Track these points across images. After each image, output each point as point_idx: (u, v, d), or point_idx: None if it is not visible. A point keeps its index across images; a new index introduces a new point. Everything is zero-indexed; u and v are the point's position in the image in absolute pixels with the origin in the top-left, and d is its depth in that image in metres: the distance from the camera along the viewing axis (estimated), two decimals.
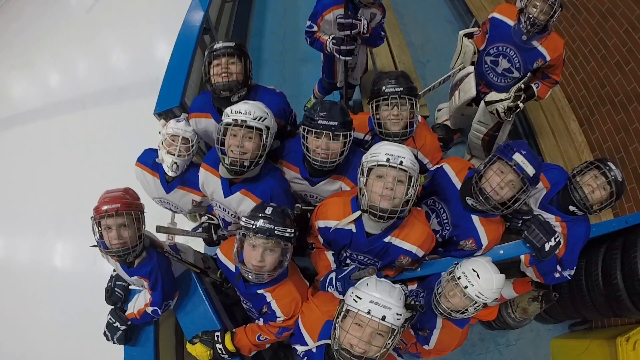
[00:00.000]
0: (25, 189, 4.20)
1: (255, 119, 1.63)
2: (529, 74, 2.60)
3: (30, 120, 4.93)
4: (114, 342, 1.81)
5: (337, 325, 1.28)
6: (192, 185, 2.04)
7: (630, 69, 2.86)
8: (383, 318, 1.19)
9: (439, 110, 3.54)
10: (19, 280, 3.61)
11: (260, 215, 1.47)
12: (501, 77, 2.64)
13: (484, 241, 1.81)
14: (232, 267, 1.71)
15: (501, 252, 1.93)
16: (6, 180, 4.33)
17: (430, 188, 2.02)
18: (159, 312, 1.73)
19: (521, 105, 2.54)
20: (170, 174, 1.96)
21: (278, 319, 1.63)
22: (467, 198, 1.76)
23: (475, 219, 1.81)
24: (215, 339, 1.71)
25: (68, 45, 6.02)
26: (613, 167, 1.74)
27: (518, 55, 2.49)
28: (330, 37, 2.56)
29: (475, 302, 1.60)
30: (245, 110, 1.63)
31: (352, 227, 1.68)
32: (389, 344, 1.22)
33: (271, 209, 1.49)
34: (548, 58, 2.41)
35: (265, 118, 1.67)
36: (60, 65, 5.79)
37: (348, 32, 2.45)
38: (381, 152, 1.49)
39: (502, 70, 2.60)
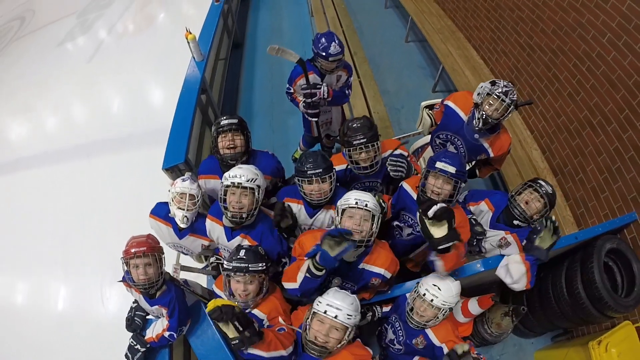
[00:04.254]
0: (31, 232, 4.40)
1: (248, 181, 2.01)
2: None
3: (34, 166, 5.23)
4: None
5: (306, 324, 1.73)
6: (201, 232, 2.37)
7: (581, 98, 3.13)
8: (335, 317, 1.65)
9: None
10: (26, 321, 3.74)
11: (235, 258, 1.86)
12: None
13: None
14: (225, 298, 2.03)
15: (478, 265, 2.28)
16: (11, 223, 4.56)
17: (398, 205, 2.40)
18: (175, 336, 2.02)
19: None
20: (182, 225, 2.27)
21: (264, 322, 1.95)
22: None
23: None
24: None
25: (69, 93, 6.39)
26: (543, 183, 2.12)
27: (464, 146, 2.60)
28: (302, 101, 2.99)
29: (442, 309, 1.92)
30: (240, 175, 2.01)
31: None
32: (345, 339, 1.68)
33: (244, 250, 1.87)
34: (491, 155, 2.56)
35: (256, 179, 2.05)
36: (63, 113, 6.12)
37: (309, 100, 2.90)
38: (351, 197, 1.91)
39: None
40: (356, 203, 1.87)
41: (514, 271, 2.11)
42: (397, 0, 6.54)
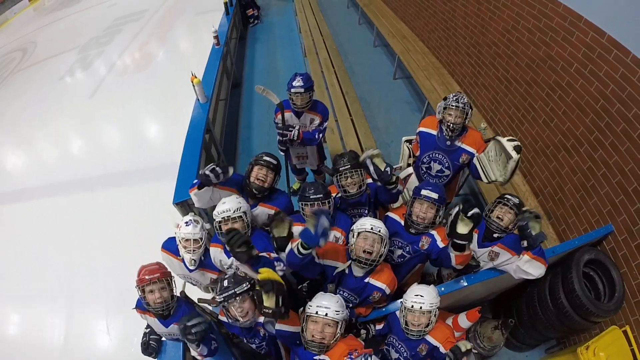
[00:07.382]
0: (36, 263, 4.46)
1: (235, 212, 2.28)
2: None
3: (36, 197, 5.38)
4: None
5: (303, 327, 1.96)
6: (210, 267, 2.59)
7: (555, 124, 3.36)
8: (325, 315, 1.91)
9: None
10: (32, 351, 3.77)
11: (221, 290, 1.98)
12: (435, 178, 3.06)
13: (438, 238, 2.46)
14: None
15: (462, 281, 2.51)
16: (15, 254, 4.65)
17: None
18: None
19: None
20: (192, 267, 2.50)
21: None
22: (410, 230, 2.48)
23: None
24: None
25: (72, 127, 6.59)
26: (510, 197, 2.44)
27: (446, 157, 2.92)
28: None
29: (432, 311, 2.13)
30: (227, 209, 2.28)
31: (346, 269, 2.30)
32: (338, 332, 1.93)
33: (226, 280, 2.01)
34: (474, 152, 2.85)
35: (241, 207, 2.32)
36: (65, 146, 6.31)
37: (280, 138, 3.27)
38: (367, 223, 2.20)
39: (436, 172, 3.02)
40: (371, 228, 2.17)
41: (528, 268, 2.32)
42: (385, 39, 6.94)
